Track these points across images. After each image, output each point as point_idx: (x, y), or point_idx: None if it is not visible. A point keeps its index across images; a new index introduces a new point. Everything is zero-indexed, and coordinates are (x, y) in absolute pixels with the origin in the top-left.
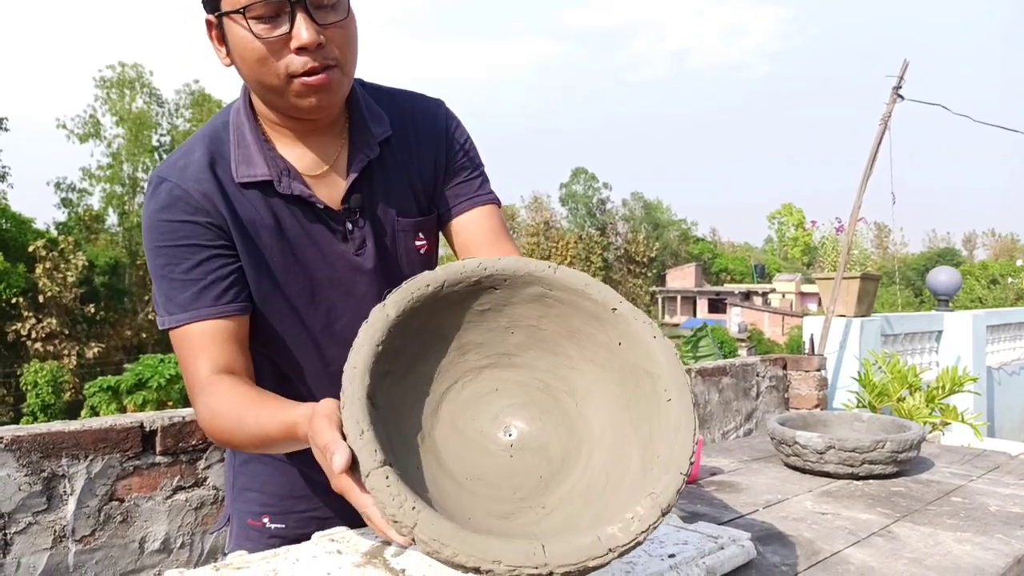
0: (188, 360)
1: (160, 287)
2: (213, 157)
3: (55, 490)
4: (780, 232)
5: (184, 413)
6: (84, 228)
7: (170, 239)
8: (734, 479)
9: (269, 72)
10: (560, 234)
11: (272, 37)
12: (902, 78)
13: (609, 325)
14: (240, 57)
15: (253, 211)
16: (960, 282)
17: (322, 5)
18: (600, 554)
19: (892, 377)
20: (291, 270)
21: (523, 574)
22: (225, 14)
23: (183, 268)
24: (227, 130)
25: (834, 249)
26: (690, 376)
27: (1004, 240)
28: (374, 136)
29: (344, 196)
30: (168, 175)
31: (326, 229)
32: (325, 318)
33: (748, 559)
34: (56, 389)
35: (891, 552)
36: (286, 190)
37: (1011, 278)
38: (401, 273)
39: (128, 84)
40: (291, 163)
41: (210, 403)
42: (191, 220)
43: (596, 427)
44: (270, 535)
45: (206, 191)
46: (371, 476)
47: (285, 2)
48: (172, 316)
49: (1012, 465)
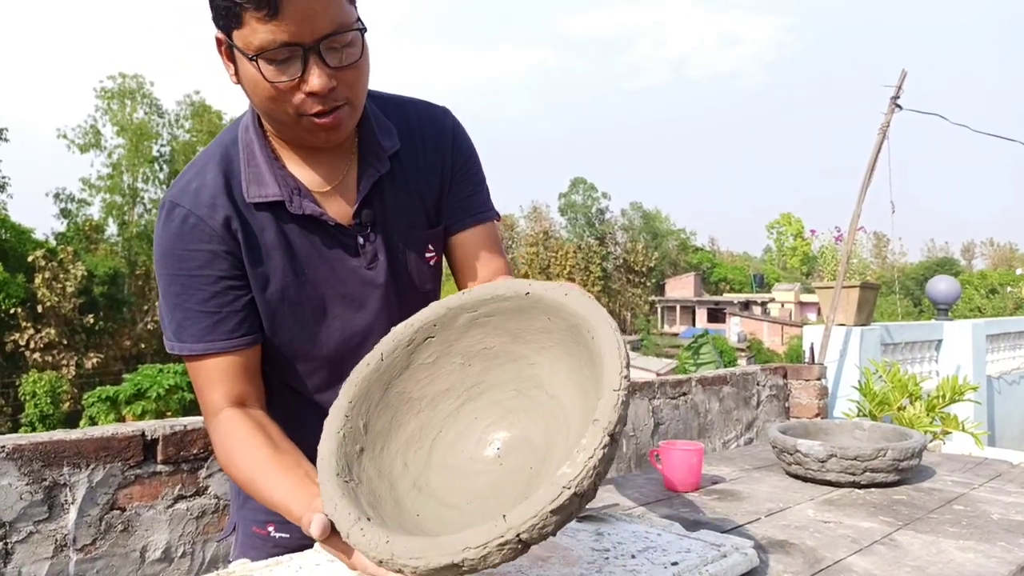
0: (203, 389)
1: (172, 314)
2: (226, 178)
3: (56, 499)
4: (779, 242)
5: (185, 422)
6: (83, 238)
7: (185, 268)
8: (736, 488)
9: (278, 109)
10: (559, 244)
11: (283, 81)
12: (900, 88)
13: (534, 309)
14: (249, 88)
15: (264, 231)
16: (959, 291)
17: (335, 47)
18: (555, 495)
19: (892, 386)
20: (303, 289)
21: (491, 547)
22: (234, 44)
23: (198, 299)
24: (236, 147)
25: (833, 258)
26: (691, 385)
27: (1003, 249)
28: (384, 150)
29: (355, 211)
30: (181, 200)
31: (337, 246)
32: (339, 334)
33: (751, 567)
34: (55, 399)
35: (894, 560)
36: (297, 210)
37: (1010, 287)
38: (412, 285)
39: (129, 95)
40: (301, 181)
41: (227, 445)
42: (206, 249)
43: (567, 401)
44: (274, 544)
45: (220, 216)
46: (350, 534)
47: (298, 48)
48: (185, 344)
49: (1014, 473)
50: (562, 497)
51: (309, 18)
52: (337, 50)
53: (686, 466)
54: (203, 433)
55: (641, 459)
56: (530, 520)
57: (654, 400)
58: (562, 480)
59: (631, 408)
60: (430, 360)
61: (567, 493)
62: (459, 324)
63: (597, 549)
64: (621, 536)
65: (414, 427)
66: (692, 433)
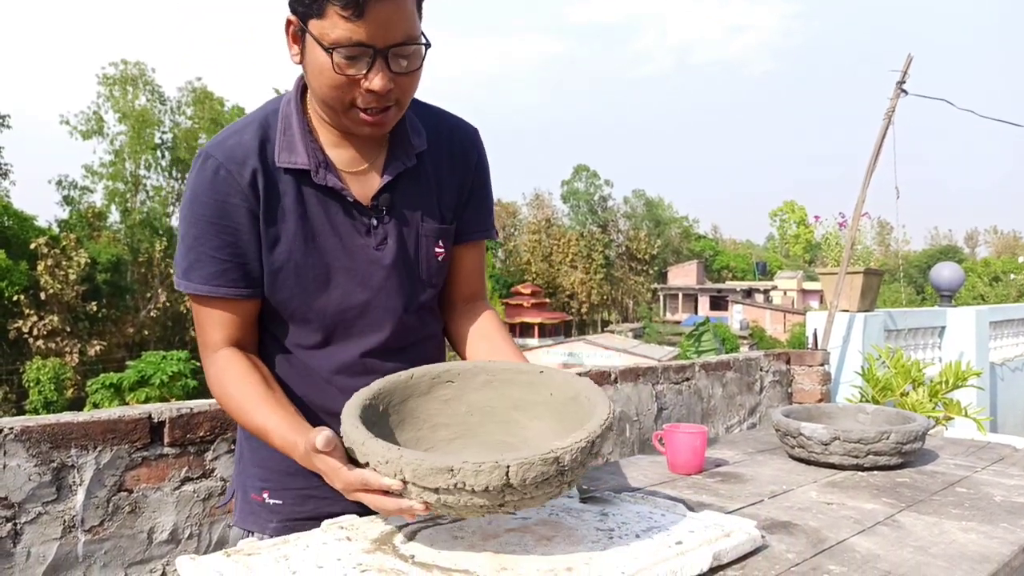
0: (204, 327)
1: (187, 254)
2: (261, 141)
3: (64, 480)
4: (782, 229)
5: (191, 405)
6: (86, 225)
7: (206, 214)
8: (739, 470)
9: (336, 97)
10: (561, 231)
11: (349, 73)
12: (906, 73)
13: (542, 385)
14: (313, 72)
15: (285, 195)
16: (963, 278)
17: (400, 55)
18: (546, 453)
19: (895, 372)
20: (310, 255)
21: (484, 468)
22: (309, 31)
23: (212, 245)
24: (276, 116)
25: (837, 245)
26: (694, 370)
27: (1006, 237)
28: (413, 148)
29: (375, 195)
30: (216, 153)
31: (350, 221)
32: (337, 304)
33: (755, 547)
34: (58, 386)
35: (896, 540)
36: (321, 180)
37: (1013, 275)
38: (417, 273)
39: (131, 81)
40: (330, 157)
41: (222, 379)
42: (230, 201)
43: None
44: (269, 511)
45: (248, 173)
46: (366, 441)
47: (369, 50)
48: (192, 283)
49: (1016, 457)
50: (549, 455)
51: (386, 26)
52: (401, 58)
53: (690, 449)
54: (209, 416)
55: (645, 444)
56: (521, 459)
57: (657, 385)
58: (555, 450)
59: (635, 393)
60: (444, 398)
61: (553, 454)
62: (477, 381)
63: (602, 529)
64: (625, 516)
65: (411, 436)
66: (695, 418)
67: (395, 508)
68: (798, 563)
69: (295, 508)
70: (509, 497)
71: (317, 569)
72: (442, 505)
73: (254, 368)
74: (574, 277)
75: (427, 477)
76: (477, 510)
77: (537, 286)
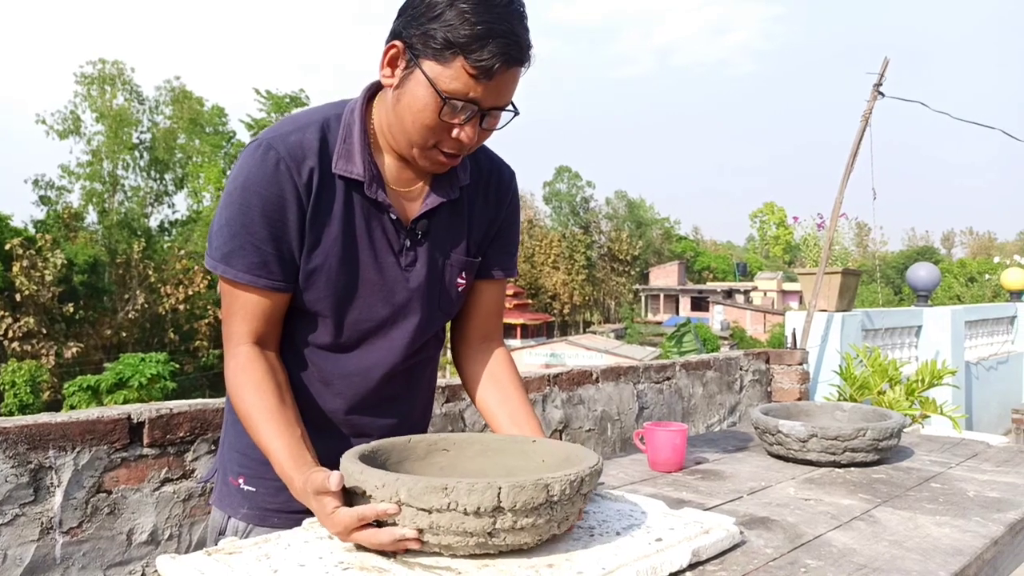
0: (235, 316)
1: (230, 241)
2: (322, 143)
3: (42, 482)
4: (762, 231)
5: (171, 405)
6: (63, 226)
7: (259, 204)
8: (719, 468)
9: (421, 136)
10: (544, 232)
11: (446, 120)
12: (883, 75)
13: (534, 452)
14: (408, 107)
15: (334, 200)
16: (939, 277)
17: (494, 115)
18: (537, 479)
19: (873, 371)
20: (344, 261)
21: (477, 487)
22: (421, 68)
23: (260, 236)
24: (338, 122)
25: (816, 245)
26: (675, 369)
27: (982, 238)
28: (458, 180)
29: (415, 219)
30: (279, 146)
31: (386, 238)
32: (357, 315)
33: (733, 543)
34: (34, 389)
35: (872, 535)
36: (372, 194)
37: (988, 275)
38: (436, 301)
39: (109, 81)
40: (383, 172)
41: (241, 379)
42: (286, 197)
43: None
44: (243, 496)
45: (307, 172)
46: (364, 472)
47: (477, 107)
48: (233, 270)
49: (990, 453)
50: (540, 482)
51: (499, 92)
52: (493, 117)
53: (670, 447)
54: (189, 416)
55: (626, 443)
56: (512, 482)
57: (638, 384)
58: (545, 478)
59: (617, 392)
60: (439, 464)
61: (542, 481)
62: (473, 451)
63: (582, 527)
64: (606, 514)
65: None
66: (676, 417)
67: (389, 539)
68: (776, 558)
69: (267, 498)
70: (500, 523)
71: (299, 568)
72: (434, 532)
73: (271, 375)
74: (556, 278)
75: (422, 497)
76: (468, 536)
77: (519, 287)
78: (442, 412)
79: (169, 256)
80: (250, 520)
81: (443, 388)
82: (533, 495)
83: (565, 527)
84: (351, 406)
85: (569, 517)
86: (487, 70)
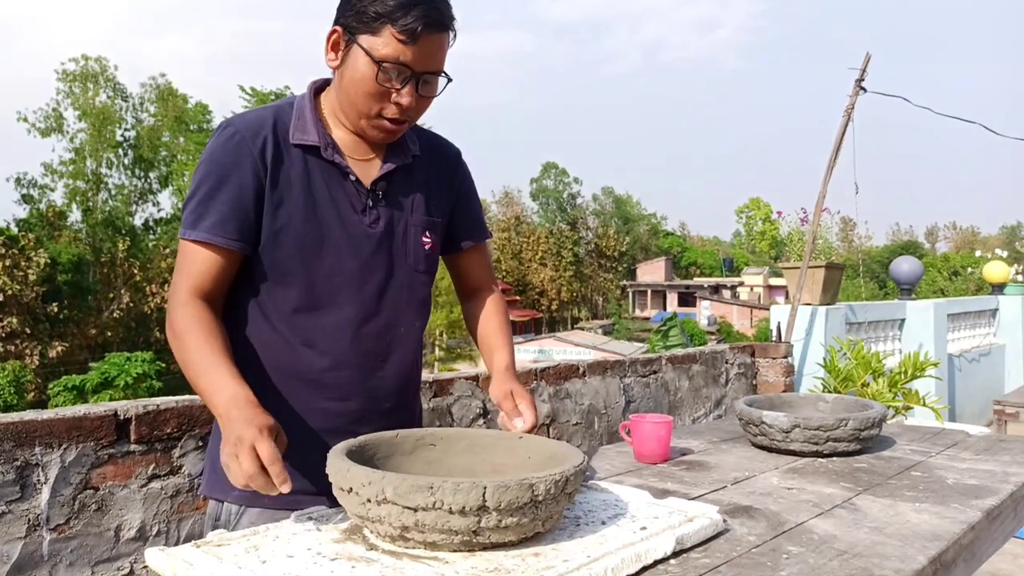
0: (186, 272)
1: (197, 207)
2: (275, 122)
3: (28, 479)
4: (748, 226)
5: (158, 401)
6: (46, 225)
7: (219, 171)
8: (703, 459)
9: (367, 104)
10: (531, 229)
11: (385, 86)
12: (864, 71)
13: (520, 449)
14: (351, 79)
15: (292, 166)
16: (922, 271)
17: (428, 81)
18: (522, 479)
19: (856, 363)
20: (308, 221)
21: (463, 487)
22: (359, 43)
23: (220, 198)
24: (290, 109)
25: (800, 240)
26: (661, 363)
27: (965, 233)
28: (409, 150)
29: (374, 180)
30: (235, 122)
31: (350, 199)
32: (328, 267)
33: (717, 531)
34: (18, 389)
35: (853, 522)
36: (328, 157)
37: (971, 268)
38: (404, 258)
39: (91, 78)
40: (337, 142)
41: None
42: (241, 162)
43: None
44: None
45: (260, 143)
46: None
47: (409, 71)
48: (195, 231)
49: (969, 442)
50: (526, 482)
51: (428, 57)
52: (428, 83)
53: (655, 438)
54: (176, 413)
55: (613, 436)
56: (497, 482)
57: (625, 378)
58: (531, 478)
59: (603, 386)
60: (427, 459)
61: (528, 481)
62: (460, 447)
63: (568, 517)
64: (592, 504)
65: None
66: (662, 410)
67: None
68: (758, 545)
69: None
70: (485, 522)
71: (287, 559)
72: (419, 529)
73: (220, 329)
74: (544, 275)
75: (408, 495)
76: (453, 535)
77: (507, 284)
78: (430, 407)
79: (154, 255)
80: (241, 501)
81: (430, 383)
82: (518, 495)
83: (550, 525)
84: (336, 362)
85: (553, 516)
86: (412, 32)
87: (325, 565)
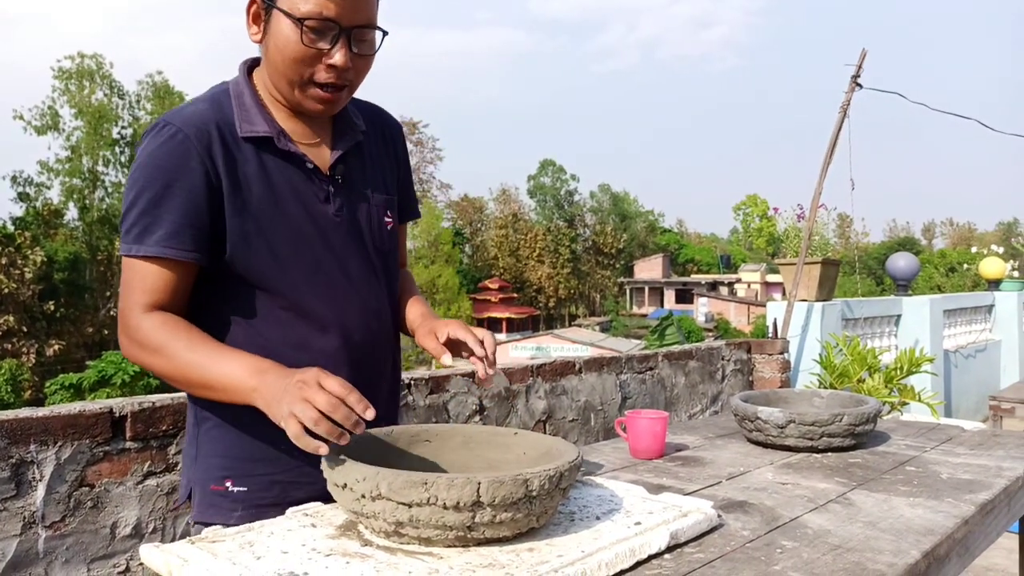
0: (135, 290)
1: (140, 220)
2: (216, 114)
3: (24, 476)
4: (745, 223)
5: (154, 399)
6: (43, 223)
7: (164, 178)
8: (699, 454)
9: (297, 71)
10: (528, 226)
11: (314, 48)
12: (860, 67)
13: (515, 445)
14: (276, 47)
15: (247, 163)
16: (918, 267)
17: (362, 39)
18: (517, 474)
19: (852, 359)
20: (275, 220)
21: (457, 482)
22: (278, 7)
23: (168, 207)
24: (227, 96)
25: (796, 237)
26: (658, 359)
27: (962, 229)
28: (357, 127)
29: (331, 165)
30: (174, 120)
31: (311, 189)
32: (305, 266)
33: (711, 525)
34: (15, 388)
35: (847, 517)
36: (283, 147)
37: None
38: (372, 240)
39: (87, 75)
40: (284, 129)
41: (160, 332)
42: (189, 164)
43: None
44: (232, 499)
45: (206, 140)
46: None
47: (335, 26)
48: (142, 247)
49: (964, 437)
50: (520, 476)
51: (353, 7)
52: (362, 40)
53: (650, 434)
54: (172, 410)
55: (609, 432)
56: (491, 478)
57: (621, 375)
58: (524, 473)
59: (600, 382)
60: (420, 456)
61: (521, 476)
62: (455, 443)
63: (563, 512)
64: (587, 500)
65: None
66: (659, 407)
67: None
68: (752, 539)
69: (261, 494)
70: (479, 518)
71: (281, 554)
72: (414, 525)
73: (196, 327)
74: (541, 272)
75: (402, 491)
76: (447, 530)
77: (505, 281)
78: (426, 404)
79: None
80: (246, 522)
81: (427, 380)
82: (512, 490)
83: (544, 520)
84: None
85: (548, 511)
86: None
87: (320, 561)
